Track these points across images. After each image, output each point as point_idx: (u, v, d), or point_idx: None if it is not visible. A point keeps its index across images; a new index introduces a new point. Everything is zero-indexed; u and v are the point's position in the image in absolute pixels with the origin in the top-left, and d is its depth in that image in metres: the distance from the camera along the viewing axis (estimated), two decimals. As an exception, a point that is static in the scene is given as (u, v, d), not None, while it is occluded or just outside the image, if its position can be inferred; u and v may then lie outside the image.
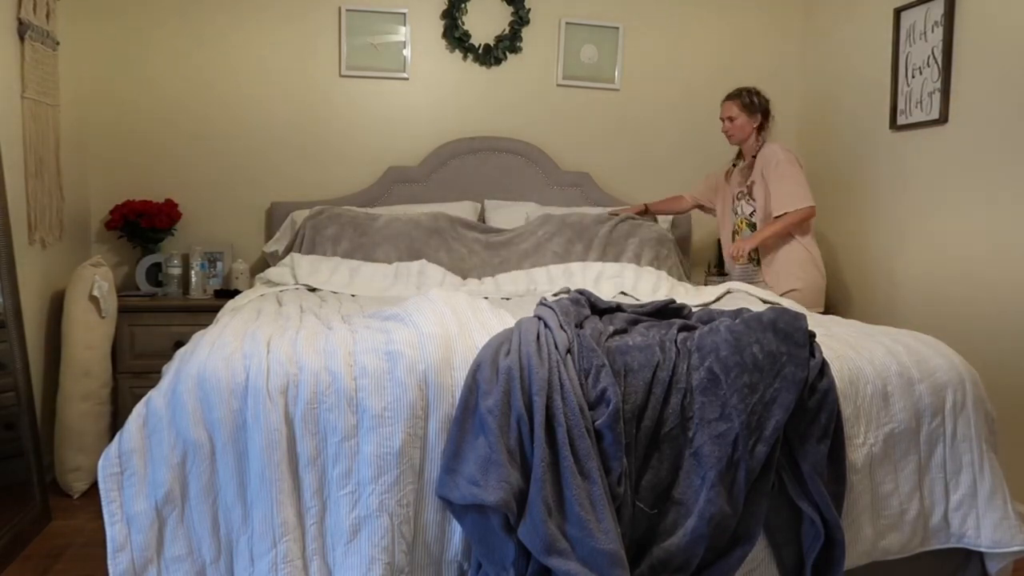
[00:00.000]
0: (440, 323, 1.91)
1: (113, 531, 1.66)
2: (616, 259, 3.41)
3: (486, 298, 2.70)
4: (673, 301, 2.38)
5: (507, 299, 2.92)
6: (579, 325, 2.04)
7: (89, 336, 3.03)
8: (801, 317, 1.99)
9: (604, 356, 1.88)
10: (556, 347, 1.86)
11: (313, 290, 2.97)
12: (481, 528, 1.69)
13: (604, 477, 1.70)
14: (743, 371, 1.84)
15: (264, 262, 3.68)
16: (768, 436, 1.79)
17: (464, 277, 3.28)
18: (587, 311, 2.20)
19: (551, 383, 1.78)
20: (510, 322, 2.02)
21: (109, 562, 1.65)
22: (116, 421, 3.24)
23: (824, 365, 1.94)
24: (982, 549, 2.01)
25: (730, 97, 3.41)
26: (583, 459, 1.70)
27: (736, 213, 3.49)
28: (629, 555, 1.73)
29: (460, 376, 1.80)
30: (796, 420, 1.85)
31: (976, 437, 2.05)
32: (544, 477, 1.67)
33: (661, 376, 1.86)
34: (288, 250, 3.46)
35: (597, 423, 1.75)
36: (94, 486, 3.04)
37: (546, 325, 1.96)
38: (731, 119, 3.40)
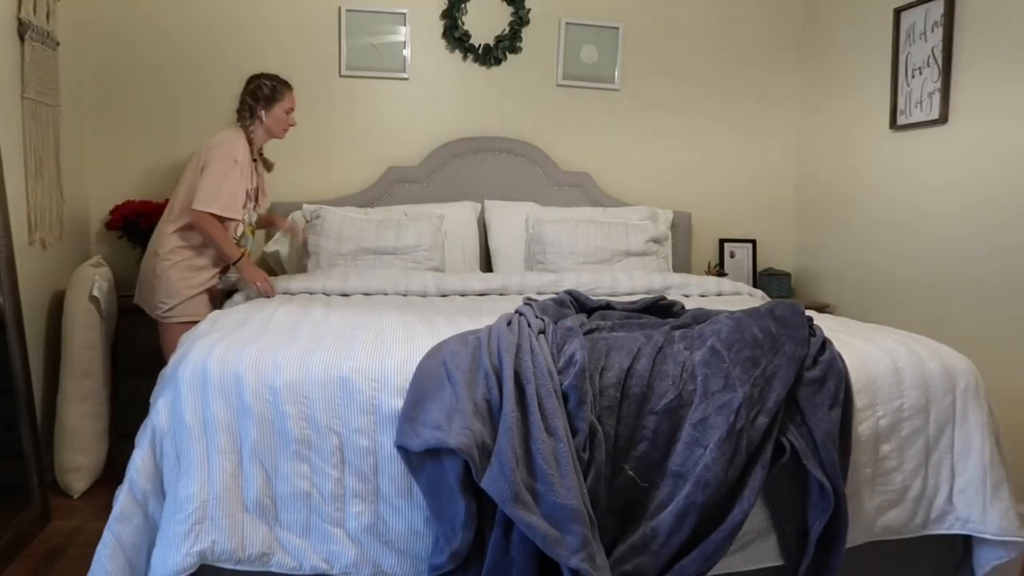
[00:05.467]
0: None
1: None
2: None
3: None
4: (663, 297, 2.41)
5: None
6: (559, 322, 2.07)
7: (89, 336, 3.03)
8: (798, 305, 2.08)
9: (581, 335, 1.90)
10: (529, 326, 1.91)
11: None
12: (436, 481, 1.69)
13: (570, 437, 1.71)
14: (744, 346, 1.88)
15: (264, 262, 3.68)
16: (769, 408, 1.81)
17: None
18: (571, 311, 2.23)
19: (520, 347, 1.84)
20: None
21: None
22: (116, 422, 3.24)
23: (826, 342, 1.98)
24: (987, 536, 2.01)
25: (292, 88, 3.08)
26: (550, 417, 1.72)
27: (249, 213, 3.03)
28: (617, 526, 1.75)
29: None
30: (805, 391, 1.87)
31: (987, 425, 2.05)
32: (512, 430, 1.68)
33: (646, 350, 1.88)
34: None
35: (564, 384, 1.77)
36: (94, 486, 3.05)
37: (521, 315, 2.03)
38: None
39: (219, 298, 3.08)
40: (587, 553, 1.60)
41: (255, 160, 3.03)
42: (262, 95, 2.98)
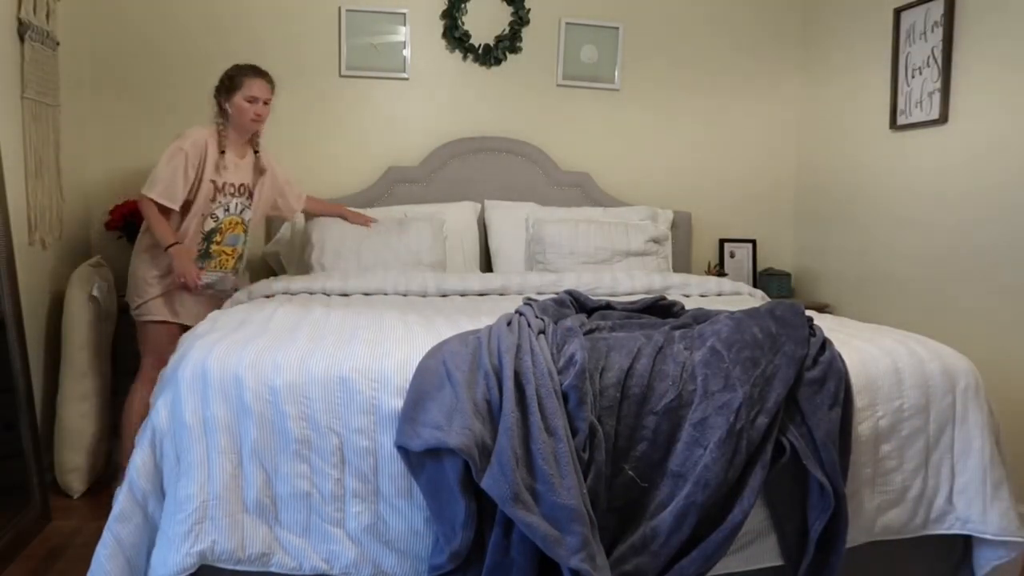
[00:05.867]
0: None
1: None
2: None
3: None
4: (663, 297, 2.41)
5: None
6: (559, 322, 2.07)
7: (89, 336, 3.03)
8: (798, 305, 2.08)
9: (581, 335, 1.90)
10: (529, 326, 1.91)
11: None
12: (436, 481, 1.69)
13: (570, 437, 1.71)
14: (744, 347, 1.88)
15: (264, 262, 3.68)
16: (769, 408, 1.81)
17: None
18: (571, 311, 2.23)
19: (520, 347, 1.84)
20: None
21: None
22: (116, 422, 3.24)
23: (826, 342, 1.98)
24: (987, 536, 2.01)
25: (265, 76, 2.95)
26: (550, 417, 1.72)
27: (227, 210, 2.93)
28: (617, 526, 1.75)
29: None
30: (805, 391, 1.87)
31: (987, 425, 2.06)
32: (512, 430, 1.68)
33: (646, 350, 1.88)
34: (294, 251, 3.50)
35: (564, 384, 1.77)
36: (94, 486, 3.05)
37: (521, 315, 2.02)
38: (267, 102, 2.95)
39: (211, 300, 2.96)
40: (587, 553, 1.60)
41: (223, 152, 2.87)
42: (222, 86, 2.89)
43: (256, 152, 3.02)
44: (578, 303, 2.33)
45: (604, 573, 1.63)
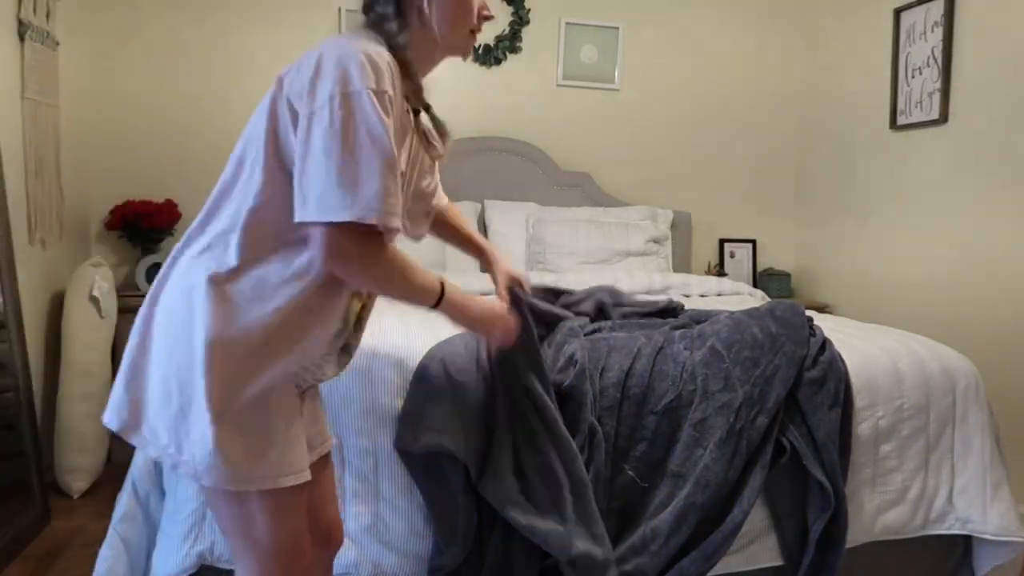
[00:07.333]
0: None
1: None
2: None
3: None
4: (672, 301, 2.41)
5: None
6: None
7: (89, 336, 3.03)
8: (798, 305, 2.08)
9: (581, 335, 1.91)
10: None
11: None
12: (436, 483, 1.69)
13: (569, 439, 1.72)
14: (744, 347, 1.88)
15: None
16: (769, 408, 1.81)
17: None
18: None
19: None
20: None
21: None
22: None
23: (826, 342, 1.97)
24: (987, 536, 2.01)
25: None
26: (549, 418, 1.71)
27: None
28: (617, 526, 1.75)
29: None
30: (805, 391, 1.87)
31: (987, 425, 2.06)
32: (509, 433, 1.68)
33: (646, 351, 1.88)
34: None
35: (564, 385, 1.77)
36: (94, 486, 3.05)
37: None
38: None
39: None
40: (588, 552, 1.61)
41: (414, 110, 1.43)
42: None
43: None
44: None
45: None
